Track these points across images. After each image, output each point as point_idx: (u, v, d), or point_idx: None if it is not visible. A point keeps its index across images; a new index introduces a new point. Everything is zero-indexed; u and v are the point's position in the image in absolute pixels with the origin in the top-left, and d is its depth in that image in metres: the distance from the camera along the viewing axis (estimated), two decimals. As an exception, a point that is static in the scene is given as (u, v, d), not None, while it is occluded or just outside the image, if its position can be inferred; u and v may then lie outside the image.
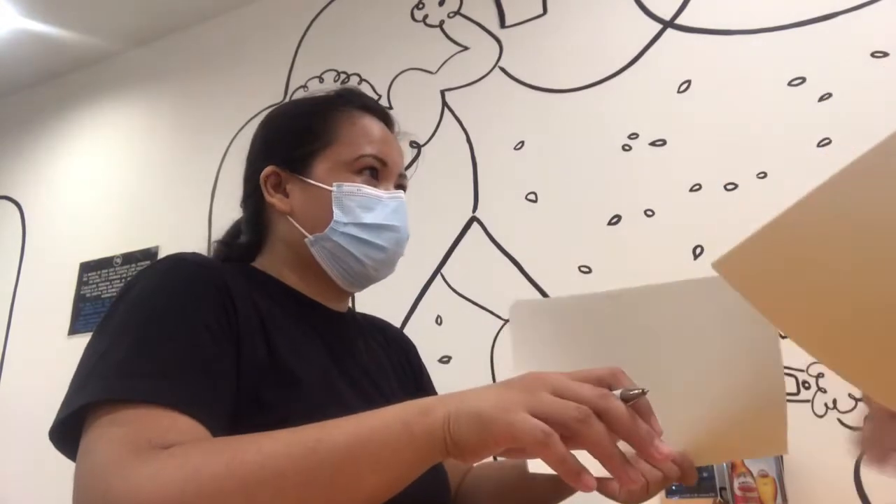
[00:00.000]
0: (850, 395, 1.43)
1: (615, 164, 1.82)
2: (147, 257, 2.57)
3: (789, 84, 1.66)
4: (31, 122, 3.20)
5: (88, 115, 3.04)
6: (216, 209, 2.47)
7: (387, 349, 0.90)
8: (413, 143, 2.12)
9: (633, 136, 1.82)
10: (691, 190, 1.70)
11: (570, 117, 1.93)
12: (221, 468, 0.48)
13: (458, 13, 2.21)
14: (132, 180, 2.77)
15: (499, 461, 0.89)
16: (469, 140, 2.08)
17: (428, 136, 2.14)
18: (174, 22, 2.85)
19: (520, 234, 1.91)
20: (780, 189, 1.59)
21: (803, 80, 1.65)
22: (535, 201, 1.91)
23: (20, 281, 2.89)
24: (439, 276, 1.99)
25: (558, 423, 0.45)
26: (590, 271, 1.78)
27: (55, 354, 2.59)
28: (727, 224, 1.60)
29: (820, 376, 1.46)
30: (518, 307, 0.63)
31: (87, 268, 2.71)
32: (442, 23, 2.23)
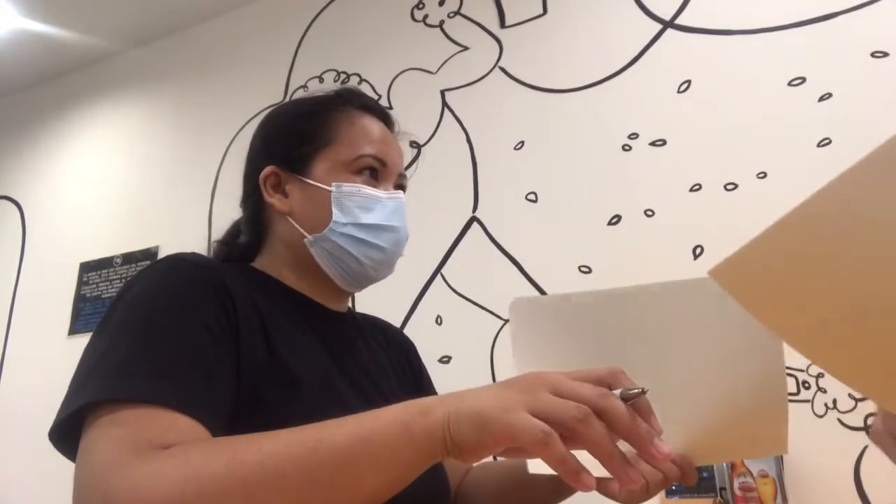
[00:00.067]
0: (850, 395, 1.43)
1: (615, 164, 1.82)
2: (147, 257, 2.57)
3: (789, 84, 1.66)
4: (31, 122, 3.20)
5: (88, 115, 3.04)
6: (216, 209, 2.47)
7: (387, 349, 0.90)
8: (413, 143, 2.12)
9: (633, 136, 1.82)
10: (691, 190, 1.70)
11: (570, 117, 1.93)
12: (221, 468, 0.48)
13: (458, 13, 2.21)
14: (132, 180, 2.77)
15: (499, 461, 0.89)
16: (469, 140, 2.07)
17: (428, 136, 2.14)
18: (174, 22, 2.85)
19: (520, 234, 1.91)
20: (780, 189, 1.59)
21: (803, 80, 1.65)
22: (535, 201, 1.91)
23: (20, 281, 2.89)
24: (439, 276, 1.99)
25: (558, 422, 0.45)
26: (590, 271, 1.78)
27: (55, 354, 2.59)
28: (727, 224, 1.60)
29: (820, 376, 1.46)
30: (517, 304, 0.63)
31: (87, 268, 2.71)
32: (442, 23, 2.23)
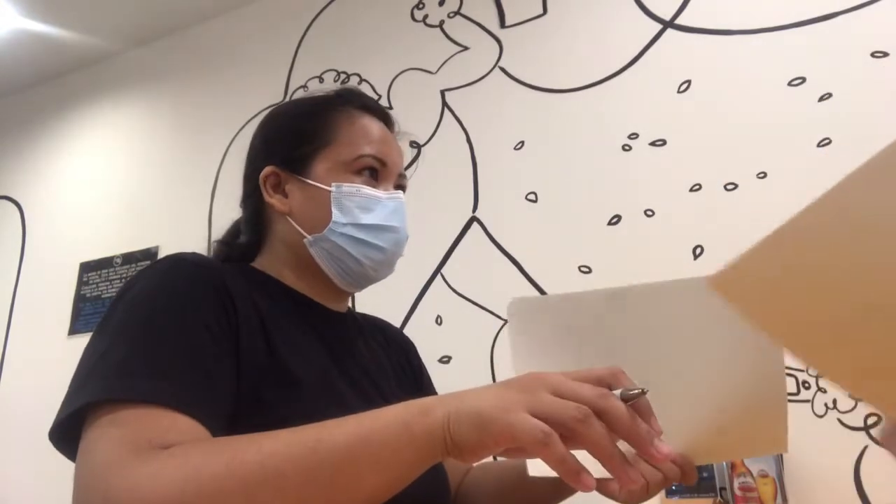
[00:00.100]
0: (850, 395, 1.43)
1: (615, 164, 1.82)
2: (147, 257, 2.57)
3: (789, 84, 1.66)
4: (31, 122, 3.19)
5: (88, 115, 3.04)
6: (216, 209, 2.47)
7: (387, 349, 0.90)
8: (413, 143, 2.12)
9: (633, 136, 1.82)
10: (691, 190, 1.70)
11: (570, 117, 1.93)
12: (221, 468, 0.48)
13: (458, 13, 2.21)
14: (132, 180, 2.77)
15: (499, 461, 0.89)
16: (469, 140, 2.07)
17: (428, 136, 2.14)
18: (174, 22, 2.85)
19: (520, 234, 1.91)
20: (780, 189, 1.59)
21: (803, 80, 1.65)
22: (535, 201, 1.91)
23: (20, 281, 2.89)
24: (439, 276, 1.98)
25: (558, 422, 0.45)
26: (590, 271, 1.78)
27: (55, 354, 2.59)
28: (727, 224, 1.60)
29: (820, 376, 1.46)
30: (515, 305, 0.63)
31: (87, 268, 2.71)
32: (442, 23, 2.23)
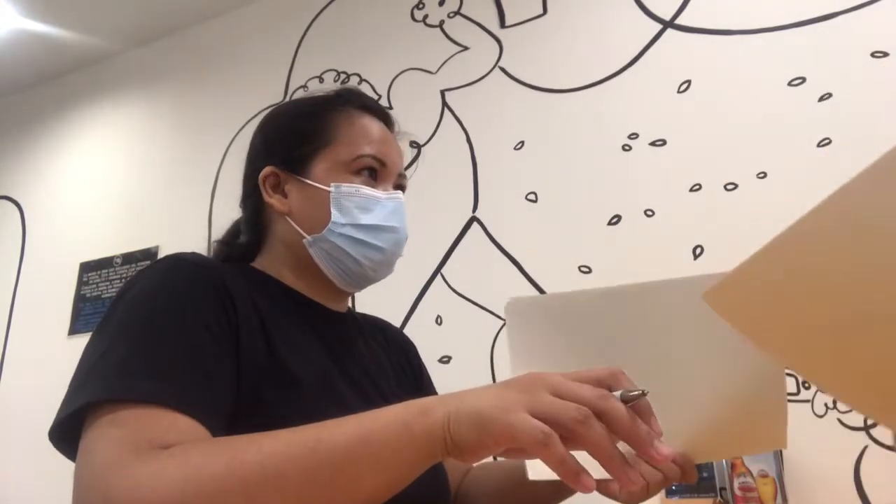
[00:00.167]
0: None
1: (615, 164, 1.82)
2: (147, 257, 2.57)
3: (789, 84, 1.66)
4: (31, 122, 3.19)
5: (88, 115, 3.04)
6: (216, 209, 2.47)
7: (387, 349, 0.89)
8: (413, 143, 2.12)
9: (633, 136, 1.82)
10: (691, 190, 1.70)
11: (570, 117, 1.93)
12: (221, 468, 0.48)
13: (458, 13, 2.21)
14: (132, 180, 2.77)
15: (499, 461, 0.89)
16: (469, 140, 2.07)
17: (428, 136, 2.14)
18: (174, 22, 2.85)
19: (520, 234, 1.91)
20: (780, 189, 1.59)
21: (803, 80, 1.65)
22: (535, 201, 1.91)
23: (20, 281, 2.89)
24: (439, 276, 1.98)
25: (558, 423, 0.45)
26: (590, 271, 1.78)
27: (55, 354, 2.59)
28: (727, 224, 1.60)
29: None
30: (513, 305, 0.63)
31: (87, 268, 2.71)
32: (442, 23, 2.23)
